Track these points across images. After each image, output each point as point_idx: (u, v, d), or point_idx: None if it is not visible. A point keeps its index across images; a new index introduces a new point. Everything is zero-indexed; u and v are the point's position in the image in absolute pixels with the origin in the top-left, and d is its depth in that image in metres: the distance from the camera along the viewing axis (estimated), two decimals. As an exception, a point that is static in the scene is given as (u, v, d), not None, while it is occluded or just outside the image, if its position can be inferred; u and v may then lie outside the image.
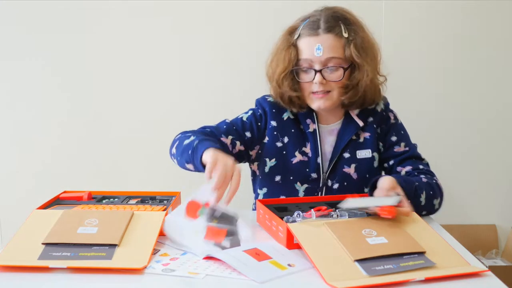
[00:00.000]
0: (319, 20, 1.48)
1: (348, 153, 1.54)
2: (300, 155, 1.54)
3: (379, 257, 1.04)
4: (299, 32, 1.50)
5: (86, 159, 2.35)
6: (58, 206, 1.36)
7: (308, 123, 1.55)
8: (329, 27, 1.47)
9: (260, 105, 1.60)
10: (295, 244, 1.15)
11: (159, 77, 2.31)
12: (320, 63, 1.46)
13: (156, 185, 2.30)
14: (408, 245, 1.09)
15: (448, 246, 1.13)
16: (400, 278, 0.98)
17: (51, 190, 1.50)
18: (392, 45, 2.30)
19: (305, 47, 1.48)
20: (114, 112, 2.34)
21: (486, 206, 2.42)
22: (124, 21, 2.29)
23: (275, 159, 1.56)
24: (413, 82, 2.34)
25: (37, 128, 2.34)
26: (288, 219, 1.19)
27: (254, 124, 1.57)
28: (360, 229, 1.13)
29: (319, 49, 1.45)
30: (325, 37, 1.46)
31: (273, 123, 1.56)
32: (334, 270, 1.00)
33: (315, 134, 1.55)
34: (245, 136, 1.56)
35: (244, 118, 1.58)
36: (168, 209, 1.30)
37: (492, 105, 2.37)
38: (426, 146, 2.34)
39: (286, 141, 1.55)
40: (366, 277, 0.98)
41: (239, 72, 2.28)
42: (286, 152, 1.55)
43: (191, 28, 2.29)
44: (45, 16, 2.28)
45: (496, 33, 2.32)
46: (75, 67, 2.31)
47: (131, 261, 1.05)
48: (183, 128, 2.27)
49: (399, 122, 1.63)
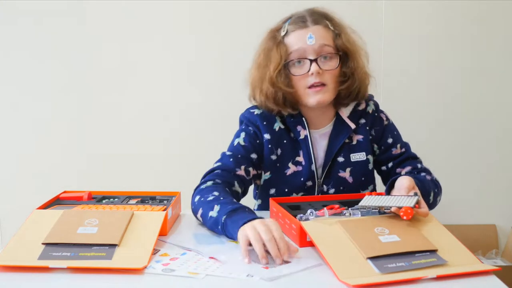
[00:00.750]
0: (305, 16, 1.48)
1: (342, 157, 1.52)
2: (294, 166, 1.52)
3: (391, 255, 1.05)
4: (285, 29, 1.47)
5: (86, 159, 2.35)
6: (58, 206, 1.36)
7: (299, 130, 1.51)
8: (316, 19, 1.46)
9: (249, 121, 1.54)
10: (307, 242, 1.16)
11: (161, 77, 2.32)
12: (313, 51, 1.43)
13: (156, 185, 2.30)
14: (420, 243, 1.10)
15: (459, 244, 1.14)
16: (412, 275, 0.99)
17: (51, 190, 1.50)
18: (392, 45, 2.30)
19: (295, 40, 1.45)
20: (115, 112, 2.34)
21: (486, 206, 2.42)
22: (123, 21, 2.29)
23: (269, 172, 1.53)
24: (413, 82, 2.34)
25: (37, 128, 2.34)
26: (301, 217, 1.20)
27: (254, 143, 1.52)
28: (373, 227, 1.14)
29: (311, 37, 1.42)
30: (315, 28, 1.44)
31: (266, 136, 1.51)
32: (346, 268, 1.01)
33: (307, 141, 1.51)
34: (253, 159, 1.51)
35: (241, 143, 1.52)
36: (168, 209, 1.30)
37: (493, 105, 2.37)
38: (426, 146, 2.36)
39: (279, 153, 1.52)
40: (378, 275, 0.99)
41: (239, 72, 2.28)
42: (280, 164, 1.52)
43: (191, 28, 2.29)
44: (44, 16, 2.28)
45: (497, 33, 2.32)
46: (76, 68, 2.31)
47: (131, 261, 1.05)
48: (183, 128, 2.28)
49: (391, 122, 1.61)
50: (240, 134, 1.54)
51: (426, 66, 2.34)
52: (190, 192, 1.61)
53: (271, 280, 1.00)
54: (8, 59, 2.31)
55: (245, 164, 1.48)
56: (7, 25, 2.29)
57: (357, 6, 2.29)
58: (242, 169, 1.47)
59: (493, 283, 1.00)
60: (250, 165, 1.49)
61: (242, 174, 1.47)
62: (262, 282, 1.00)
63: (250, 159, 1.50)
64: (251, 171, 1.50)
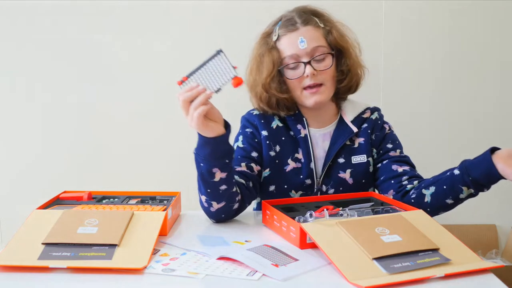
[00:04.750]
0: (294, 17, 1.48)
1: (343, 158, 1.52)
2: (293, 162, 1.53)
3: (395, 255, 1.05)
4: (276, 33, 1.49)
5: (86, 159, 2.35)
6: (58, 206, 1.36)
7: (299, 129, 1.53)
8: (305, 20, 1.47)
9: (248, 121, 1.57)
10: (308, 244, 1.16)
11: (161, 77, 2.31)
12: (306, 54, 1.45)
13: (157, 185, 2.30)
14: (422, 242, 1.10)
15: (459, 242, 1.14)
16: (419, 275, 0.99)
17: (51, 190, 1.50)
18: (392, 45, 2.30)
19: (287, 45, 1.46)
20: (116, 113, 2.34)
21: (486, 206, 2.42)
22: (123, 22, 2.29)
23: (269, 169, 1.53)
24: (413, 82, 2.34)
25: (38, 128, 2.34)
26: (300, 219, 1.19)
27: (253, 142, 1.54)
28: (373, 228, 1.14)
29: (302, 41, 1.44)
30: (305, 29, 1.45)
31: (264, 133, 1.54)
32: (353, 269, 1.01)
33: (307, 139, 1.53)
34: (255, 157, 1.53)
35: (240, 145, 1.55)
36: (168, 209, 1.30)
37: (493, 105, 2.37)
38: (426, 146, 2.36)
39: (278, 149, 1.53)
40: (386, 275, 0.99)
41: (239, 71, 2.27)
42: (279, 161, 1.53)
43: (193, 29, 2.29)
44: (43, 15, 2.28)
45: (497, 34, 2.32)
46: (76, 67, 2.31)
47: (131, 261, 1.05)
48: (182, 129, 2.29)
49: (394, 133, 1.60)
50: (238, 138, 1.57)
51: (426, 66, 2.33)
52: (190, 192, 1.61)
53: (284, 280, 1.00)
54: (8, 57, 2.31)
55: (246, 161, 1.50)
56: (6, 24, 2.29)
57: (357, 6, 2.29)
58: (243, 166, 1.49)
59: (492, 282, 1.00)
60: (251, 162, 1.51)
61: (244, 169, 1.48)
62: (262, 282, 1.00)
63: (251, 157, 1.52)
64: (254, 167, 1.51)
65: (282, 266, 1.06)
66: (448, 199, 1.38)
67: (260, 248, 1.15)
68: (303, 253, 1.14)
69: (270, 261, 1.08)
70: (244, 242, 1.23)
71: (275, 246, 1.18)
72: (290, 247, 1.17)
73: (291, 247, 1.18)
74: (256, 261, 1.07)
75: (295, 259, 1.10)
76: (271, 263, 1.07)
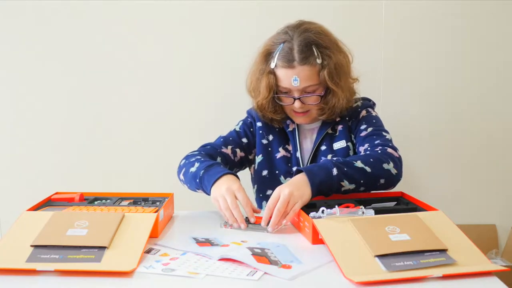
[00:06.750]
0: (293, 50, 1.54)
1: (325, 145, 1.64)
2: (284, 151, 1.68)
3: (400, 254, 1.06)
4: (275, 61, 1.57)
5: (86, 159, 2.34)
6: (49, 207, 1.35)
7: (288, 123, 1.69)
8: (303, 58, 1.53)
9: (249, 114, 1.75)
10: (320, 240, 1.17)
11: (158, 78, 2.30)
12: (298, 91, 1.56)
13: (155, 186, 2.29)
14: (430, 242, 1.10)
15: (471, 244, 1.13)
16: (416, 274, 0.99)
17: (51, 191, 1.49)
18: (392, 45, 2.29)
19: (282, 77, 1.56)
20: (112, 114, 2.32)
21: (486, 206, 2.40)
22: (123, 22, 2.28)
23: (261, 155, 1.69)
24: (413, 82, 2.32)
25: (37, 128, 2.33)
26: (314, 215, 1.22)
27: (248, 130, 1.71)
28: (384, 226, 1.15)
29: (296, 80, 1.54)
30: (300, 69, 1.54)
31: (258, 124, 1.70)
32: (353, 265, 1.03)
33: (295, 133, 1.68)
34: (243, 143, 1.70)
35: (237, 129, 1.73)
36: (160, 210, 1.29)
37: (493, 105, 2.35)
38: (426, 146, 2.35)
39: (271, 138, 1.70)
40: (384, 272, 1.00)
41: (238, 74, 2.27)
42: (271, 148, 1.69)
43: (192, 29, 2.28)
44: (43, 15, 2.27)
45: (497, 33, 2.30)
46: (73, 68, 2.30)
47: (120, 264, 1.04)
48: (181, 129, 2.28)
49: (374, 115, 1.67)
50: (239, 123, 1.75)
51: (426, 66, 2.32)
52: (184, 194, 1.61)
53: (292, 279, 1.01)
54: (7, 58, 2.30)
55: (233, 145, 1.67)
56: (6, 24, 2.28)
57: (357, 6, 2.28)
58: (229, 149, 1.66)
59: (494, 284, 0.99)
60: (237, 147, 1.68)
61: (227, 152, 1.65)
62: (262, 282, 1.00)
63: (239, 142, 1.69)
64: (238, 153, 1.68)
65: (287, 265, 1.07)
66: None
67: (263, 246, 1.17)
68: (303, 253, 1.15)
69: (276, 260, 1.10)
70: (241, 243, 1.23)
71: (272, 245, 1.19)
72: (290, 247, 1.19)
73: (291, 246, 1.19)
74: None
75: (296, 258, 1.11)
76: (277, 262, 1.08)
